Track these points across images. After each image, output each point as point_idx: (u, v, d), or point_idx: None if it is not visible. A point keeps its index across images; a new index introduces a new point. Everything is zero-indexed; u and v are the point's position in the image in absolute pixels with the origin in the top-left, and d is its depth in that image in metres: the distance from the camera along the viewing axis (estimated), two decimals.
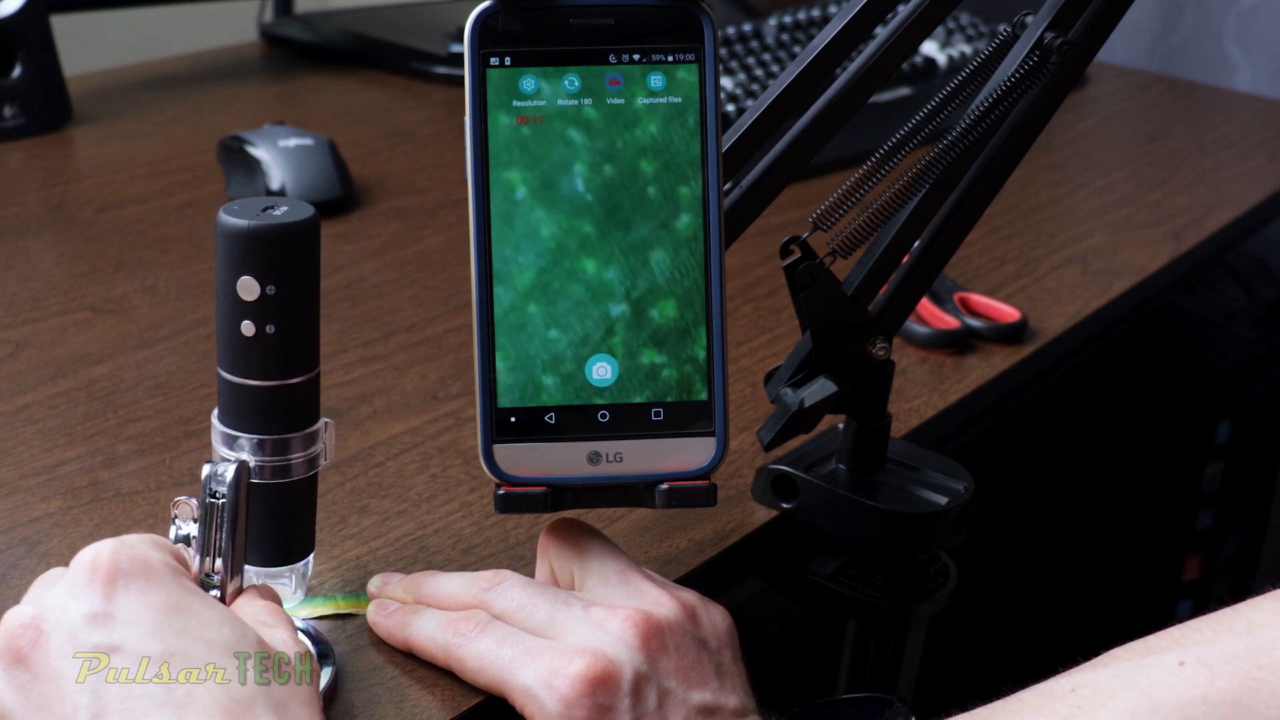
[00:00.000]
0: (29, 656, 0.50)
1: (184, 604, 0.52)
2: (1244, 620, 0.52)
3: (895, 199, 0.62)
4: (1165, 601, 1.41)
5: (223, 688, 0.50)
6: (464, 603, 0.60)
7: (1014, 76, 0.62)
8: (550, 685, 0.54)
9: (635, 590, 0.57)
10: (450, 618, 0.60)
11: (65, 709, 0.49)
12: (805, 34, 1.37)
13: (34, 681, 0.50)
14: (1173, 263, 1.06)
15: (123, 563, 0.52)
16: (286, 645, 0.54)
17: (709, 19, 0.56)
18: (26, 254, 0.96)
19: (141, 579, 0.52)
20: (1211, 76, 1.63)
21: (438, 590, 0.61)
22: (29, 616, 0.51)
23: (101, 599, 0.51)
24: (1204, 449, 1.36)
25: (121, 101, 1.27)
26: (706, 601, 0.59)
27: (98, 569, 0.52)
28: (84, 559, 0.52)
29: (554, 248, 0.56)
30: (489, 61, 0.55)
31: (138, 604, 0.51)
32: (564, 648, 0.55)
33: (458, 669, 0.58)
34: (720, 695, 0.56)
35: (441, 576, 0.62)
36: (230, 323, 0.56)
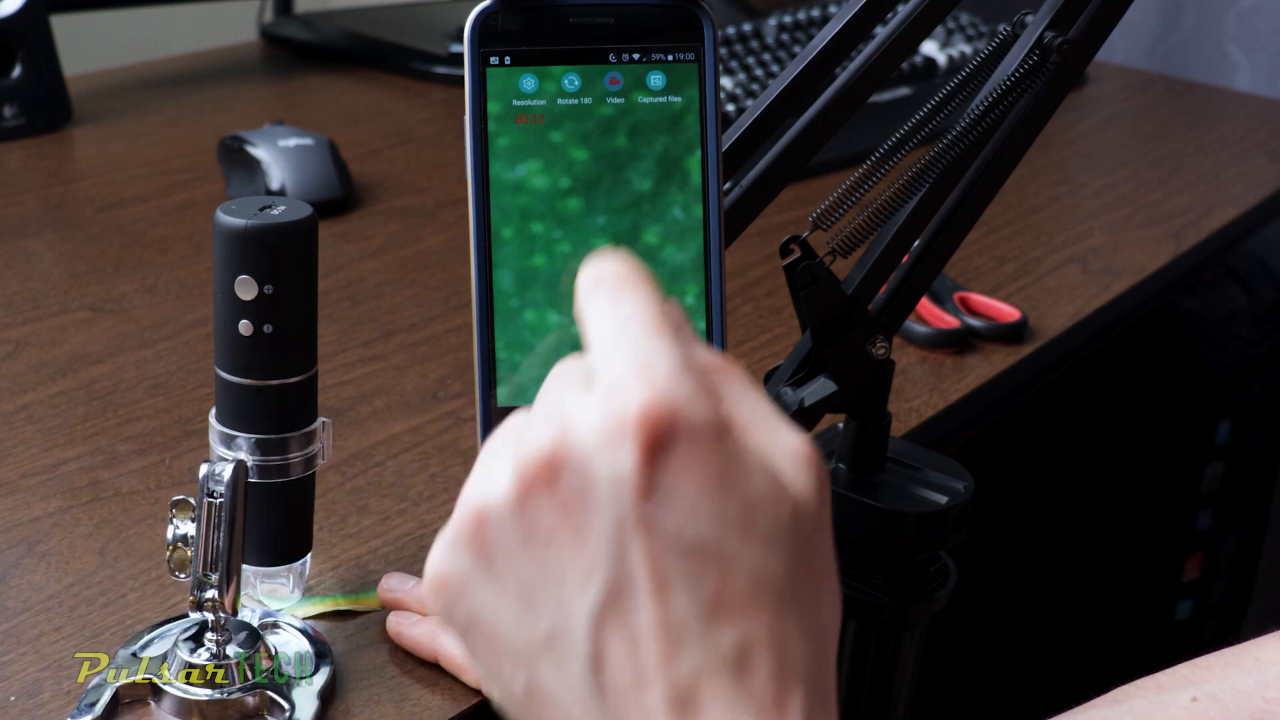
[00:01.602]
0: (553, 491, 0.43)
1: (734, 480, 0.43)
2: (1251, 658, 0.53)
3: (895, 198, 0.62)
4: (1165, 601, 1.41)
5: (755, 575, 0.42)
6: None
7: (1014, 76, 0.62)
8: None
9: None
10: None
11: (578, 564, 0.42)
12: (805, 34, 1.36)
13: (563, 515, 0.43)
14: (1173, 263, 1.06)
15: (663, 425, 0.42)
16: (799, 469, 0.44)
17: (709, 18, 0.56)
18: (26, 254, 0.96)
19: (693, 449, 0.42)
20: (1211, 76, 1.63)
21: None
22: (549, 450, 0.43)
23: (643, 472, 0.42)
24: (1204, 449, 1.36)
25: (121, 101, 1.27)
26: None
27: (631, 428, 0.42)
28: (614, 404, 0.42)
29: (554, 247, 0.56)
30: (489, 61, 0.55)
31: (685, 479, 0.42)
32: None
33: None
34: None
35: None
36: (228, 322, 0.56)
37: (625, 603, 0.42)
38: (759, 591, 0.42)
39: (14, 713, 0.56)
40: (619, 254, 0.47)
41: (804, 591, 0.43)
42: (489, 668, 0.45)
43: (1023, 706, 1.46)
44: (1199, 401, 1.35)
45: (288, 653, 0.59)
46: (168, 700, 0.56)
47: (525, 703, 0.44)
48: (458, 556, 0.45)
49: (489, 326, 0.56)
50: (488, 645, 0.45)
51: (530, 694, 0.44)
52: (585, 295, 0.46)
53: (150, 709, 0.57)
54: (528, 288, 0.56)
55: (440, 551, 0.45)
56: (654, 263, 0.56)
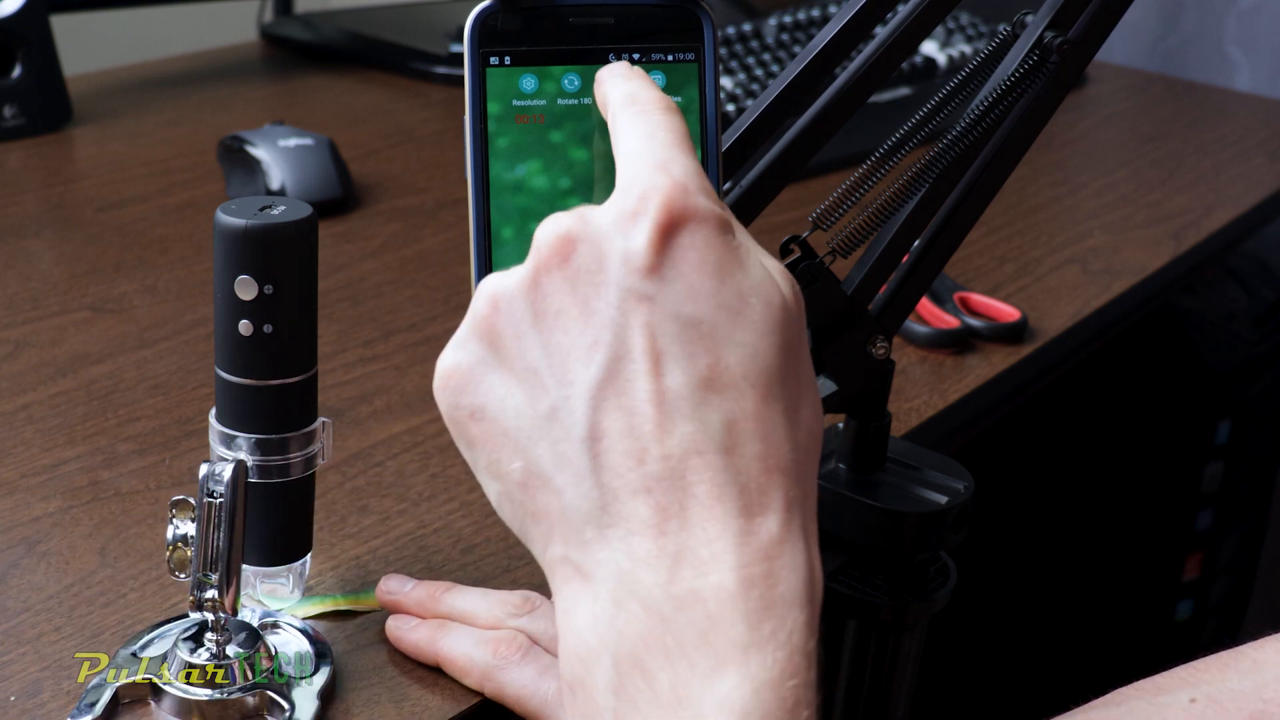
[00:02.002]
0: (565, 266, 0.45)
1: (732, 268, 0.45)
2: (1248, 660, 0.54)
3: (895, 198, 0.62)
4: (1165, 601, 1.41)
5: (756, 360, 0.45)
6: (490, 623, 0.60)
7: (1014, 76, 0.62)
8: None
9: None
10: (486, 637, 0.59)
11: (583, 338, 0.45)
12: (805, 34, 1.37)
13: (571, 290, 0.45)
14: (1173, 263, 1.06)
15: (676, 210, 0.45)
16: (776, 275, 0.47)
17: (709, 18, 0.56)
18: (26, 254, 0.96)
19: (699, 234, 0.45)
20: (1211, 76, 1.63)
21: (463, 607, 0.61)
22: (566, 230, 0.46)
23: (653, 248, 0.45)
24: (1204, 449, 1.36)
25: (121, 101, 1.27)
26: None
27: (649, 209, 0.45)
28: (633, 192, 0.46)
29: None
30: (489, 61, 0.55)
31: (689, 259, 0.45)
32: None
33: (493, 692, 0.58)
34: None
35: (464, 592, 0.62)
36: (228, 322, 0.56)
37: (622, 375, 0.44)
38: (748, 374, 0.45)
39: (14, 713, 0.56)
40: (643, 75, 0.51)
41: (789, 385, 0.46)
42: (489, 459, 0.47)
43: (1022, 707, 1.46)
44: (1199, 401, 1.35)
45: (288, 653, 0.59)
46: (168, 700, 0.56)
47: (521, 488, 0.46)
48: (467, 347, 0.47)
49: None
50: (489, 433, 0.46)
51: (527, 478, 0.46)
52: (619, 109, 0.50)
53: (150, 709, 0.57)
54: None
55: (451, 346, 0.47)
56: None
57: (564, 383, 0.45)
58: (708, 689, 0.41)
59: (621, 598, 0.43)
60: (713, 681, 0.41)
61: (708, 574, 0.43)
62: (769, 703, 0.41)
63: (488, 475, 0.47)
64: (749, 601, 0.42)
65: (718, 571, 0.43)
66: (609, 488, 0.44)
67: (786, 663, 0.42)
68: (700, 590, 0.42)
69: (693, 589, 0.42)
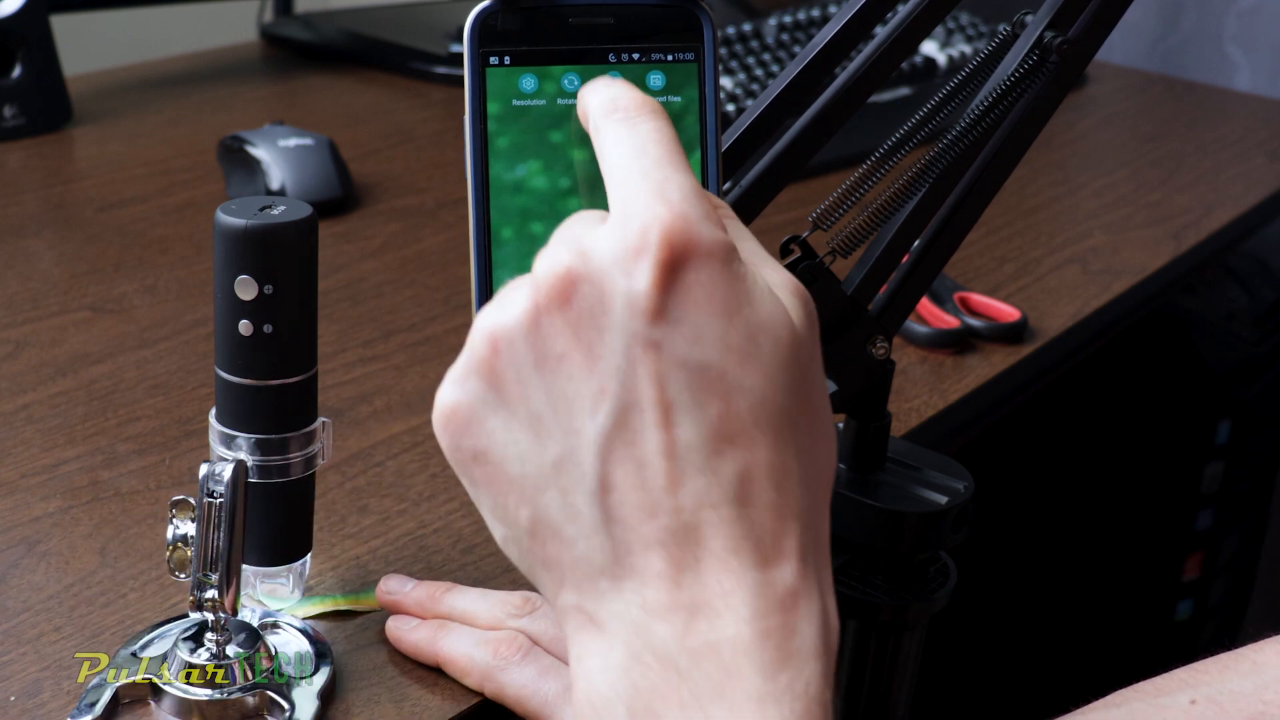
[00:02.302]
0: (567, 308, 0.43)
1: (740, 304, 0.43)
2: (1249, 662, 0.54)
3: (895, 198, 0.62)
4: (1165, 601, 1.41)
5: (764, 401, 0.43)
6: (491, 623, 0.60)
7: (1014, 76, 0.62)
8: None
9: None
10: (487, 638, 0.59)
11: (588, 386, 0.43)
12: (805, 34, 1.37)
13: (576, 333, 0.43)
14: (1173, 263, 1.06)
15: (678, 246, 0.43)
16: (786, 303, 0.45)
17: (709, 18, 0.56)
18: (26, 254, 0.96)
19: (704, 271, 0.43)
20: (1211, 76, 1.63)
21: (463, 607, 0.61)
22: (565, 268, 0.43)
23: (657, 290, 0.42)
24: (1204, 449, 1.36)
25: (121, 101, 1.27)
26: None
27: (650, 246, 0.43)
28: (633, 226, 0.43)
29: None
30: (488, 60, 0.55)
31: (695, 300, 0.43)
32: None
33: (493, 692, 0.58)
34: None
35: (464, 592, 0.62)
36: (228, 322, 0.56)
37: (632, 427, 0.42)
38: (760, 420, 0.43)
39: (14, 713, 0.56)
40: (624, 81, 0.48)
41: (801, 423, 0.44)
42: (494, 503, 0.45)
43: (1022, 707, 1.46)
44: (1199, 401, 1.35)
45: (288, 653, 0.59)
46: (168, 700, 0.56)
47: (529, 536, 0.45)
48: (468, 385, 0.45)
49: None
50: (494, 478, 0.45)
51: (535, 527, 0.44)
52: (600, 119, 0.47)
53: (150, 709, 0.57)
54: None
55: (450, 382, 0.45)
56: None
57: (570, 431, 0.43)
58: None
59: (636, 649, 0.42)
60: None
61: (723, 627, 0.42)
62: None
63: (493, 518, 0.46)
64: (765, 653, 0.42)
65: (734, 624, 0.42)
66: (621, 540, 0.43)
67: (804, 714, 0.41)
68: (716, 643, 0.42)
69: (708, 641, 0.42)
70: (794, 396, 0.44)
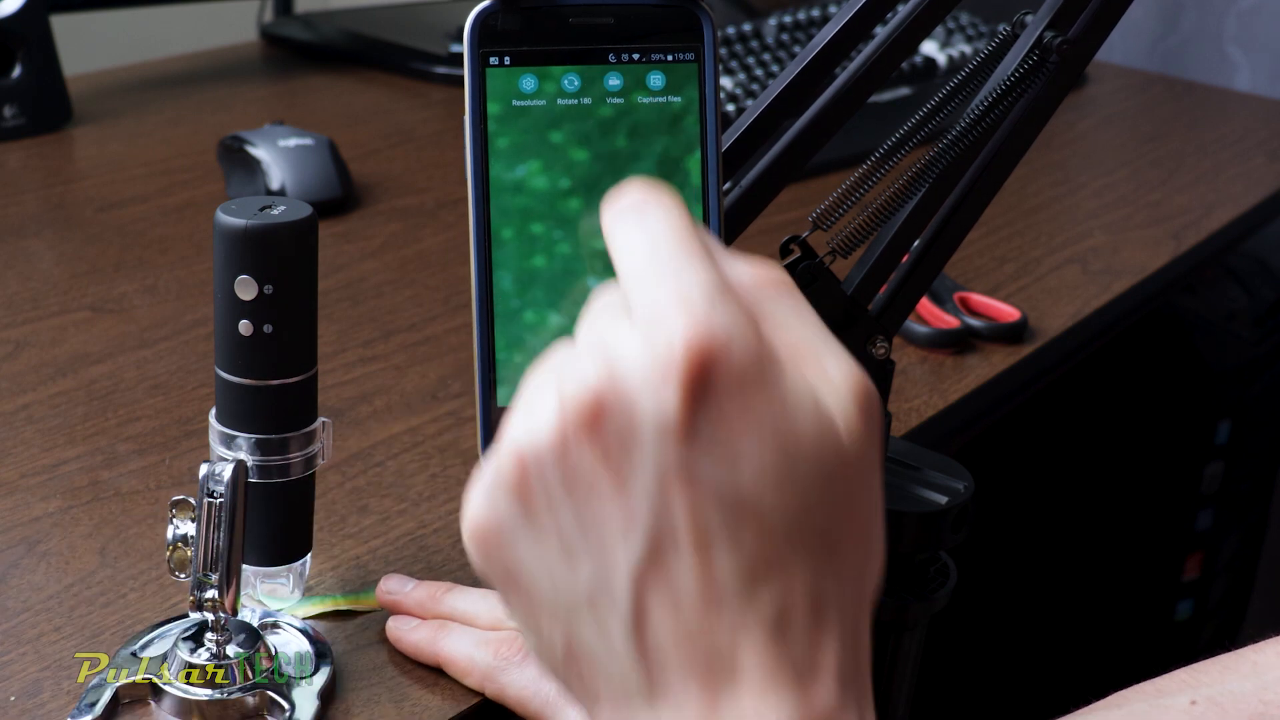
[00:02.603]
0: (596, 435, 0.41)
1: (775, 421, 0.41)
2: (1249, 663, 0.54)
3: (895, 198, 0.62)
4: (1165, 601, 1.41)
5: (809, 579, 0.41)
6: (491, 623, 0.60)
7: (1013, 76, 0.62)
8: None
9: None
10: (488, 638, 0.59)
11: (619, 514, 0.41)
12: (805, 34, 1.37)
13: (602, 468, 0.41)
14: (1173, 263, 1.06)
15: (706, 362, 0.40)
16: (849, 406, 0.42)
17: (709, 18, 0.56)
18: (26, 254, 0.96)
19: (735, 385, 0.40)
20: (1211, 76, 1.63)
21: (464, 607, 0.61)
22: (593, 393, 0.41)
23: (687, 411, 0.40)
24: (1204, 449, 1.36)
25: (121, 101, 1.27)
26: None
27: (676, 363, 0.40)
28: (658, 339, 0.40)
29: (554, 248, 0.56)
30: (488, 60, 0.55)
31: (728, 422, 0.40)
32: None
33: (494, 693, 0.58)
34: None
35: (464, 592, 0.62)
36: (228, 322, 0.56)
37: (667, 560, 0.41)
38: (796, 545, 0.41)
39: (14, 713, 0.56)
40: (641, 181, 0.45)
41: (845, 541, 0.43)
42: (526, 622, 0.45)
43: (1022, 707, 1.46)
44: (1199, 401, 1.35)
45: (288, 653, 0.59)
46: (168, 700, 0.56)
47: (564, 661, 0.44)
48: (498, 503, 0.43)
49: (489, 327, 0.56)
50: (526, 599, 0.44)
51: (570, 652, 0.44)
52: (611, 221, 0.44)
53: (150, 709, 0.57)
54: (528, 288, 0.56)
55: (480, 498, 0.44)
56: None
57: (602, 558, 0.42)
58: None
59: None
60: None
61: None
62: None
63: (527, 629, 0.45)
64: None
65: None
66: (657, 667, 0.42)
67: None
68: None
69: None
70: (835, 515, 0.42)
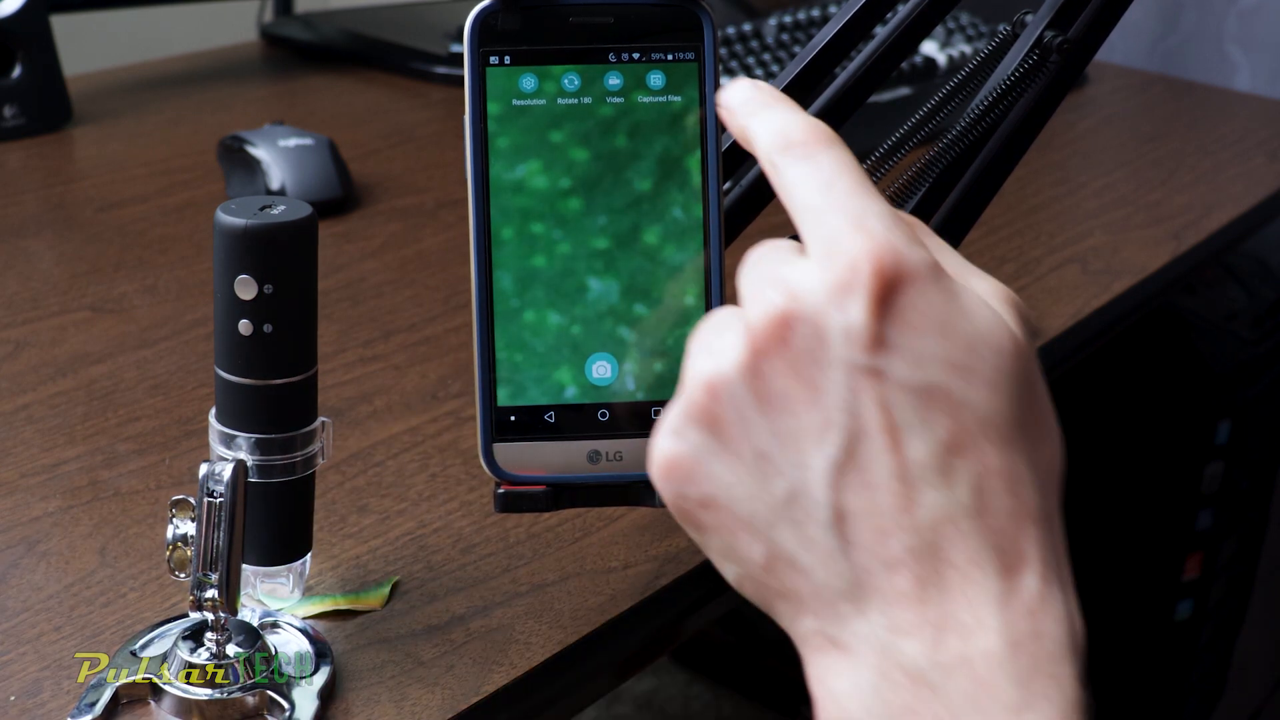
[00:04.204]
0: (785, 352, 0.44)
1: (955, 320, 0.43)
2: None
3: (894, 198, 0.62)
4: (1165, 601, 1.41)
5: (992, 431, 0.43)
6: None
7: (1013, 76, 0.62)
8: None
9: None
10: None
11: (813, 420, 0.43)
12: (805, 34, 1.36)
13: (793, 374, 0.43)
14: (1173, 263, 1.06)
15: (889, 274, 0.43)
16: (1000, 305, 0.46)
17: (709, 18, 0.56)
18: (26, 254, 0.96)
19: (916, 294, 0.43)
20: (1211, 76, 1.63)
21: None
22: (780, 310, 0.44)
23: (874, 320, 0.43)
24: (1204, 449, 1.36)
25: (121, 101, 1.27)
26: None
27: (861, 278, 0.43)
28: (840, 260, 0.43)
29: (554, 247, 0.56)
30: (489, 60, 0.55)
31: (911, 324, 0.43)
32: None
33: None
34: None
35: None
36: (228, 322, 0.56)
37: (862, 454, 0.43)
38: (988, 431, 0.43)
39: (14, 713, 0.56)
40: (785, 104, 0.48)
41: (1029, 429, 0.45)
42: (725, 545, 0.46)
43: None
44: (1199, 401, 1.35)
45: (288, 652, 0.59)
46: (167, 700, 0.56)
47: (766, 572, 0.45)
48: (688, 436, 0.45)
49: (489, 327, 0.56)
50: (723, 521, 0.45)
51: (772, 561, 0.45)
52: (778, 156, 0.47)
53: (150, 709, 0.57)
54: (528, 288, 0.56)
55: (667, 435, 0.46)
56: (654, 263, 0.56)
57: (799, 465, 0.44)
58: None
59: (886, 668, 0.43)
60: None
61: (973, 639, 0.42)
62: None
63: (723, 558, 0.47)
64: (1018, 662, 0.42)
65: (983, 636, 0.42)
66: (861, 565, 0.43)
67: (1059, 717, 0.41)
68: (968, 655, 0.42)
69: (960, 655, 0.42)
70: (1018, 403, 0.44)
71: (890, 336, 0.43)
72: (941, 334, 0.43)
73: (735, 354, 0.44)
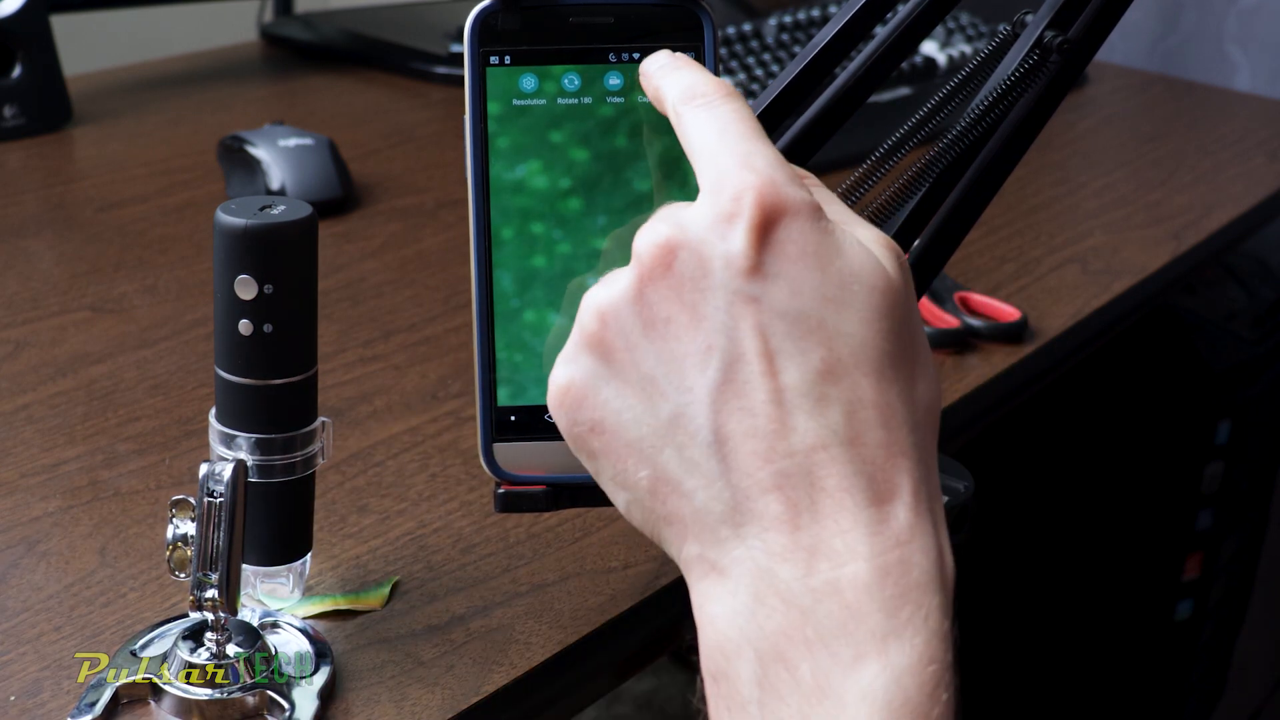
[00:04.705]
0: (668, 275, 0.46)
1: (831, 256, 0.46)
2: None
3: (895, 198, 0.62)
4: (1165, 601, 1.41)
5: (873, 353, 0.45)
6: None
7: (1014, 76, 0.62)
8: None
9: None
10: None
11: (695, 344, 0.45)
12: (805, 34, 1.36)
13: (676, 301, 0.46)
14: (1173, 263, 1.06)
15: (769, 207, 0.45)
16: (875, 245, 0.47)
17: (709, 18, 0.56)
18: (26, 254, 0.96)
19: (795, 228, 0.45)
20: (1211, 76, 1.63)
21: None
22: (664, 238, 0.46)
23: (753, 249, 0.45)
24: (1204, 449, 1.36)
25: (121, 101, 1.27)
26: None
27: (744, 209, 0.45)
28: (725, 194, 0.46)
29: (554, 248, 0.56)
30: (489, 60, 0.55)
31: (789, 255, 0.45)
32: None
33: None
34: None
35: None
36: (228, 322, 0.56)
37: (740, 377, 0.45)
38: (861, 363, 0.45)
39: (14, 713, 0.56)
40: (693, 64, 0.52)
41: (903, 367, 0.46)
42: (614, 470, 0.48)
43: (1022, 706, 1.46)
44: (1199, 401, 1.35)
45: (287, 652, 0.59)
46: (167, 700, 0.56)
47: (651, 495, 0.47)
48: (580, 361, 0.48)
49: (489, 327, 0.56)
50: (612, 445, 0.47)
51: (655, 485, 0.47)
52: (681, 105, 0.50)
53: (150, 709, 0.57)
54: (528, 288, 0.56)
55: (562, 363, 0.48)
56: None
57: (682, 389, 0.45)
58: (849, 678, 0.42)
59: (761, 592, 0.44)
60: (854, 670, 0.42)
61: (843, 565, 0.43)
62: (909, 688, 0.42)
63: (614, 485, 0.48)
64: (885, 590, 0.43)
65: (853, 562, 0.43)
66: (739, 487, 0.45)
67: (924, 648, 0.43)
68: (837, 581, 0.43)
69: (829, 580, 0.43)
70: (892, 340, 0.46)
71: (769, 265, 0.45)
72: (818, 267, 0.45)
73: (625, 284, 0.47)
